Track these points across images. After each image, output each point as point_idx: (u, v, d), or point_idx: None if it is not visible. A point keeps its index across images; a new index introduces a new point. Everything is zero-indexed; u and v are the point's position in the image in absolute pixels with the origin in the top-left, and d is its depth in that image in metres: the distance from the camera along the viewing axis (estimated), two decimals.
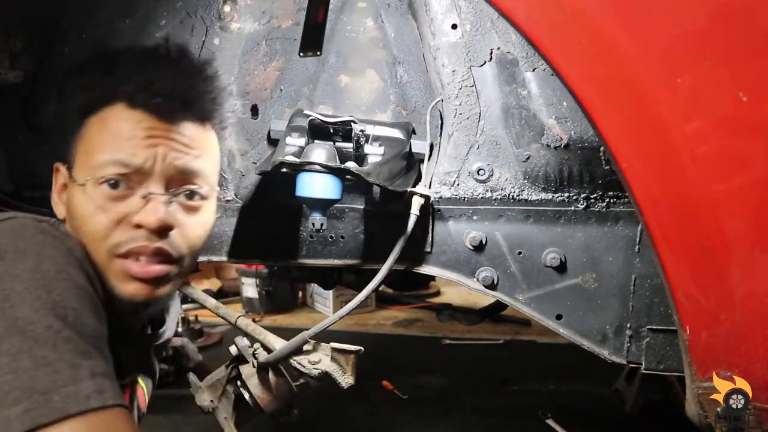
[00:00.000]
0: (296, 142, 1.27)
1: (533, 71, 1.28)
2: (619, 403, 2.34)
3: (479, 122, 1.32)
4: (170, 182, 0.97)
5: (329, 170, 1.18)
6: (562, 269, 1.30)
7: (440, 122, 1.37)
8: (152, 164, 0.94)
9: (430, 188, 1.32)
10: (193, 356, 2.75)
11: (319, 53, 1.38)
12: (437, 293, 4.15)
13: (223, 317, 1.58)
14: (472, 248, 1.32)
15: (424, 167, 1.34)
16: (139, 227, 0.93)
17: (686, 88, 0.91)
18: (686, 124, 0.92)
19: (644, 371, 1.27)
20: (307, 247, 1.41)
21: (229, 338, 2.79)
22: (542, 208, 1.31)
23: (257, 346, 1.42)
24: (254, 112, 1.43)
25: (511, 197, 1.32)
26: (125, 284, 0.94)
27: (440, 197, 1.34)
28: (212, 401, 1.47)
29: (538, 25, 0.93)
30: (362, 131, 1.26)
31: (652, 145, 0.94)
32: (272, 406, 1.45)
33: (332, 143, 1.27)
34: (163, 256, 0.96)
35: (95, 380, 0.74)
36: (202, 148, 1.01)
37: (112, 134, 0.94)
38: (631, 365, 1.30)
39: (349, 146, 1.27)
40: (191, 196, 1.00)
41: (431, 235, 1.34)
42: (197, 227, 1.01)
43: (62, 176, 1.01)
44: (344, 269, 1.60)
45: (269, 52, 1.42)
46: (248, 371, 1.45)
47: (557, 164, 1.29)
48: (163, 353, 2.10)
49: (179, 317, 2.99)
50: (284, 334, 1.42)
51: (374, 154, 1.27)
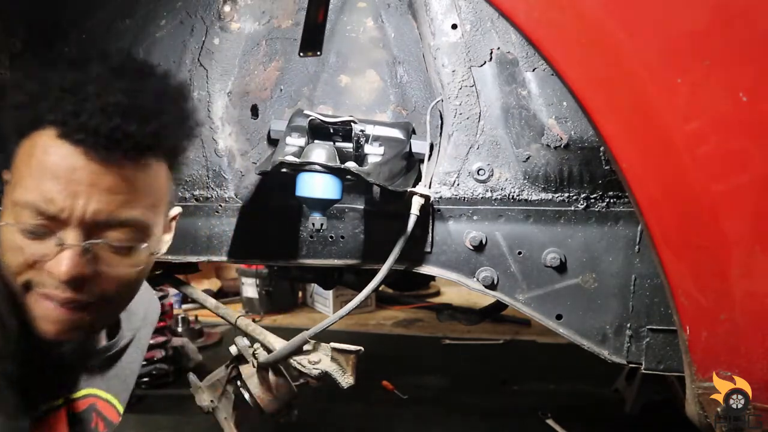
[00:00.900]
0: (296, 142, 1.27)
1: (533, 71, 1.28)
2: (619, 403, 2.34)
3: (479, 122, 1.32)
4: (91, 231, 0.84)
5: (329, 170, 1.18)
6: (562, 269, 1.30)
7: (440, 122, 1.37)
8: (69, 215, 0.82)
9: (430, 188, 1.32)
10: (193, 356, 2.75)
11: (319, 53, 1.38)
12: (437, 293, 4.15)
13: (223, 317, 1.58)
14: (472, 248, 1.32)
15: (424, 167, 1.33)
16: (50, 273, 0.84)
17: (686, 88, 0.91)
18: (686, 124, 0.92)
19: (644, 371, 1.27)
20: (307, 247, 1.41)
21: (229, 338, 2.79)
22: (542, 208, 1.31)
23: (257, 346, 1.42)
24: (254, 112, 1.43)
25: (511, 197, 1.32)
26: (37, 321, 0.87)
27: (440, 197, 1.34)
28: (212, 401, 1.47)
29: (538, 25, 0.93)
30: (362, 131, 1.26)
31: (652, 145, 0.94)
32: (272, 406, 1.45)
33: (332, 143, 1.27)
34: (75, 303, 0.87)
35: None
36: (138, 191, 0.86)
37: (36, 168, 0.82)
38: (631, 365, 1.30)
39: (349, 146, 1.27)
40: (118, 246, 0.87)
41: (431, 235, 1.34)
42: (125, 271, 0.89)
43: None
44: (344, 269, 1.60)
45: (269, 52, 1.42)
46: (248, 371, 1.45)
47: (557, 164, 1.29)
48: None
49: (179, 318, 3.00)
50: (284, 334, 1.42)
51: (374, 154, 1.27)
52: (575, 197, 1.30)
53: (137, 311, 1.25)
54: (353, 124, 1.26)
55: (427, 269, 1.36)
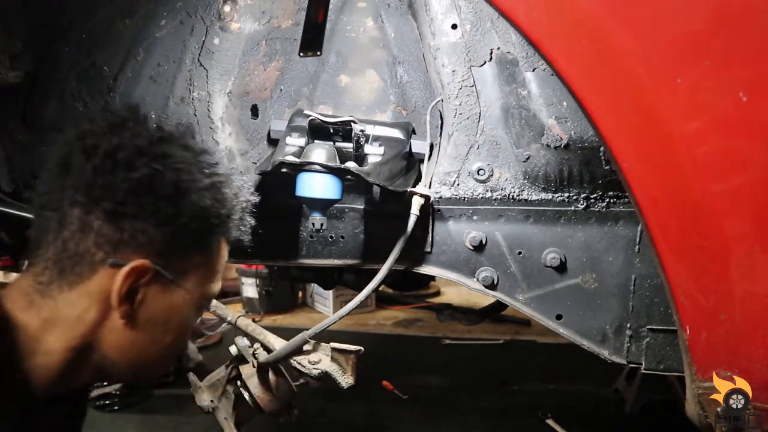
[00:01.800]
0: (296, 142, 1.27)
1: (533, 71, 1.28)
2: (619, 403, 2.34)
3: (479, 122, 1.32)
4: None
5: (329, 170, 1.18)
6: (562, 269, 1.30)
7: (440, 122, 1.37)
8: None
9: (430, 188, 1.32)
10: (193, 356, 2.75)
11: (319, 53, 1.38)
12: (437, 293, 4.15)
13: (223, 317, 1.58)
14: (472, 248, 1.32)
15: (424, 167, 1.33)
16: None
17: (686, 88, 0.91)
18: (686, 124, 0.92)
19: (644, 371, 1.27)
20: (307, 247, 1.41)
21: (229, 338, 2.79)
22: (542, 208, 1.31)
23: (257, 346, 1.42)
24: (254, 112, 1.43)
25: (511, 197, 1.32)
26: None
27: (440, 197, 1.34)
28: (212, 401, 1.47)
29: (538, 25, 0.93)
30: (362, 131, 1.26)
31: (652, 145, 0.94)
32: (272, 406, 1.45)
33: (332, 143, 1.27)
34: None
35: None
36: None
37: (222, 263, 1.04)
38: (631, 365, 1.30)
39: (349, 146, 1.27)
40: None
41: (431, 235, 1.34)
42: None
43: (147, 276, 0.90)
44: (344, 269, 1.60)
45: (269, 52, 1.42)
46: (248, 371, 1.45)
47: (557, 164, 1.29)
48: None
49: None
50: (284, 334, 1.42)
51: (374, 154, 1.27)
52: (575, 197, 1.29)
53: None
54: (353, 124, 1.26)
55: (427, 269, 1.36)
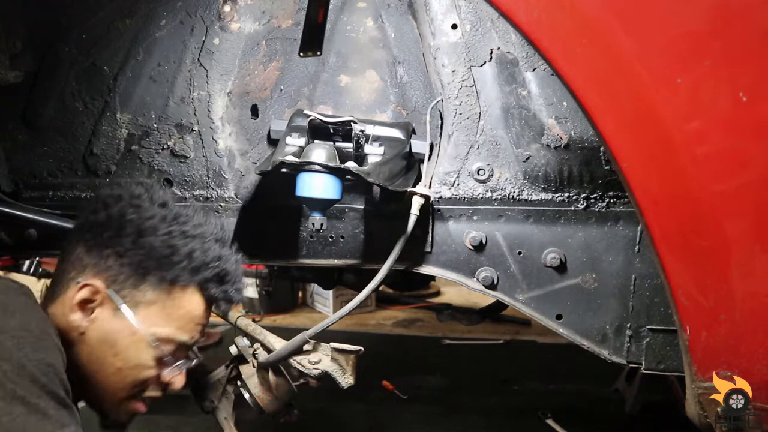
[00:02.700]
0: (296, 142, 1.27)
1: (533, 71, 1.28)
2: (619, 403, 2.34)
3: (479, 122, 1.32)
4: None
5: (329, 170, 1.18)
6: (562, 269, 1.30)
7: (440, 122, 1.37)
8: (194, 344, 1.21)
9: (430, 188, 1.32)
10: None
11: (319, 53, 1.38)
12: (437, 293, 4.14)
13: (223, 317, 1.58)
14: (472, 248, 1.32)
15: (424, 167, 1.33)
16: (168, 385, 1.17)
17: (686, 88, 0.91)
18: (686, 124, 0.92)
19: (644, 371, 1.27)
20: (307, 247, 1.41)
21: (229, 338, 2.79)
22: (542, 208, 1.31)
23: (257, 346, 1.42)
24: (254, 112, 1.43)
25: (511, 197, 1.32)
26: (125, 414, 1.18)
27: (440, 197, 1.34)
28: (212, 401, 1.47)
29: (538, 25, 0.93)
30: (362, 131, 1.26)
31: (652, 145, 0.94)
32: (272, 406, 1.45)
33: (332, 143, 1.27)
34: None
35: (72, 427, 0.93)
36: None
37: (188, 317, 1.15)
38: (631, 365, 1.30)
39: (349, 146, 1.27)
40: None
41: (431, 235, 1.34)
42: None
43: (101, 299, 1.08)
44: (344, 269, 1.60)
45: (269, 52, 1.42)
46: (248, 371, 1.45)
47: (557, 164, 1.29)
48: None
49: None
50: (284, 334, 1.42)
51: (374, 154, 1.27)
52: (575, 197, 1.30)
53: None
54: (353, 124, 1.26)
55: (427, 269, 1.36)
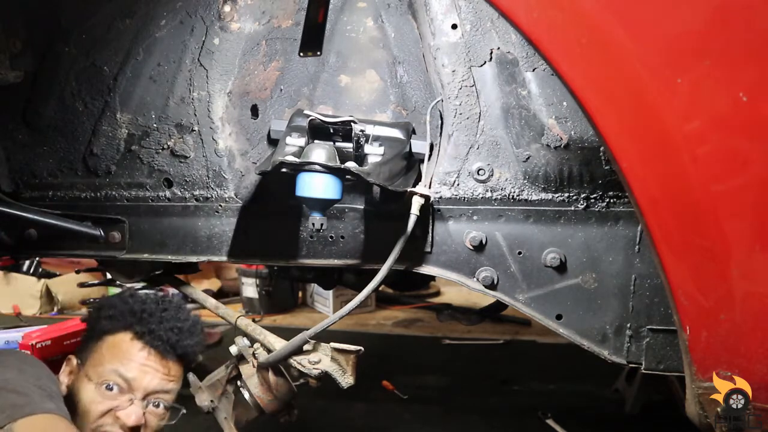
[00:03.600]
0: (296, 142, 1.27)
1: (533, 71, 1.28)
2: (619, 403, 2.34)
3: (479, 122, 1.32)
4: (148, 395, 1.40)
5: (329, 170, 1.18)
6: (562, 269, 1.30)
7: (440, 122, 1.37)
8: (138, 384, 1.38)
9: (430, 188, 1.32)
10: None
11: (319, 53, 1.38)
12: (437, 293, 4.15)
13: (223, 317, 1.58)
14: (472, 248, 1.32)
15: (424, 167, 1.33)
16: (118, 419, 1.35)
17: (686, 88, 0.91)
18: (686, 124, 0.92)
19: (644, 371, 1.27)
20: (307, 247, 1.41)
21: (229, 338, 2.79)
22: (542, 208, 1.31)
23: (257, 346, 1.43)
24: (254, 112, 1.43)
25: (511, 197, 1.32)
26: None
27: (440, 197, 1.34)
28: (212, 401, 1.47)
29: (538, 25, 0.93)
30: (362, 131, 1.25)
31: (652, 145, 0.94)
32: (272, 406, 1.45)
33: (332, 143, 1.27)
34: None
35: (55, 406, 1.21)
36: (176, 378, 1.47)
37: (121, 355, 1.40)
38: (631, 365, 1.30)
39: (349, 146, 1.27)
40: (158, 405, 1.42)
41: (431, 235, 1.34)
42: (157, 423, 1.43)
43: (72, 365, 1.44)
44: (344, 269, 1.60)
45: (269, 52, 1.42)
46: (248, 371, 1.45)
47: (557, 164, 1.29)
48: None
49: None
50: (284, 334, 1.43)
51: (374, 154, 1.27)
52: (575, 197, 1.29)
53: None
54: (353, 124, 1.26)
55: (427, 269, 1.36)
